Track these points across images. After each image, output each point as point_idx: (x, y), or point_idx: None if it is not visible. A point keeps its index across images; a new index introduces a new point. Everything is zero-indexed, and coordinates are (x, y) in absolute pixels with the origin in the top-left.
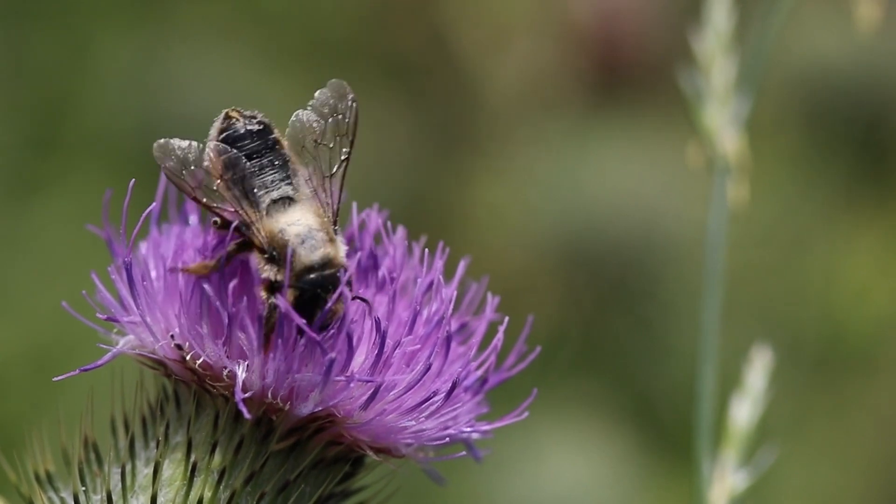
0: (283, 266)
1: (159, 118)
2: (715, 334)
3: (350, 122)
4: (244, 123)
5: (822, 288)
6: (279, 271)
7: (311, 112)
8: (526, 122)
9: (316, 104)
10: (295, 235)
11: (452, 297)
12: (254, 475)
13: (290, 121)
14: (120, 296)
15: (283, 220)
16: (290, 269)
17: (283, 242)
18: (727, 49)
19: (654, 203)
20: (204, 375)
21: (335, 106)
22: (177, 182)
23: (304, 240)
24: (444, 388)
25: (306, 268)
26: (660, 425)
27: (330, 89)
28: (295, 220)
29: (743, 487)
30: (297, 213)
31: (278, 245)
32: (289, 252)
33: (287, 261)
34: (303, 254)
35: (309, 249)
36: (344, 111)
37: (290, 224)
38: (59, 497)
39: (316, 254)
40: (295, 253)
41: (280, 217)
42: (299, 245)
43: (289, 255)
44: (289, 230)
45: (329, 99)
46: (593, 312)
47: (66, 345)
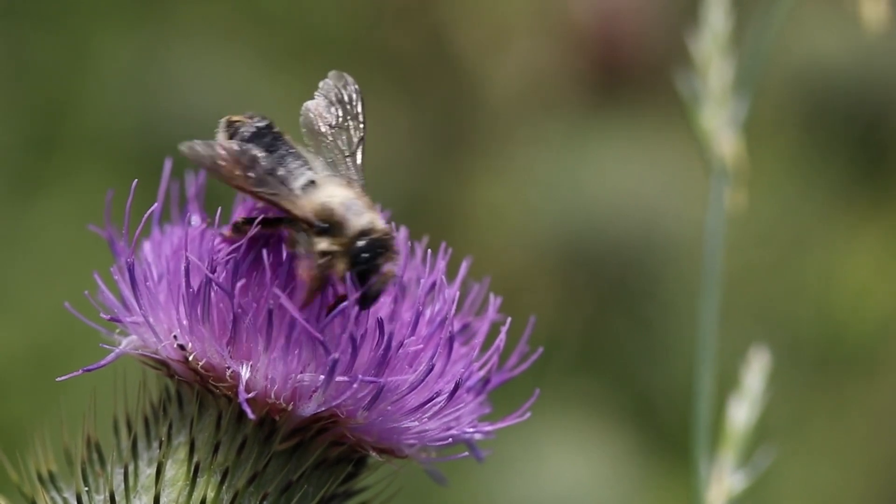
0: (335, 233)
1: (159, 118)
2: (713, 337)
3: (356, 103)
4: (250, 123)
5: (821, 288)
6: (333, 241)
7: (319, 99)
8: (526, 122)
9: (322, 92)
10: (339, 204)
11: (455, 297)
12: (257, 475)
13: (301, 110)
14: (122, 296)
15: (321, 195)
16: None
17: (330, 211)
18: (724, 51)
19: (653, 203)
20: (207, 376)
21: (340, 92)
22: (219, 175)
23: (349, 207)
24: (447, 389)
25: (359, 232)
26: (659, 425)
27: (332, 78)
28: (332, 193)
29: (741, 488)
30: (331, 188)
31: (326, 216)
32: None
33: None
34: (352, 218)
35: (356, 214)
36: (350, 96)
37: (329, 196)
38: (61, 497)
39: (363, 217)
40: (345, 218)
41: (317, 194)
42: (346, 211)
43: None
44: (331, 201)
45: (333, 87)
46: (593, 312)
47: (68, 345)
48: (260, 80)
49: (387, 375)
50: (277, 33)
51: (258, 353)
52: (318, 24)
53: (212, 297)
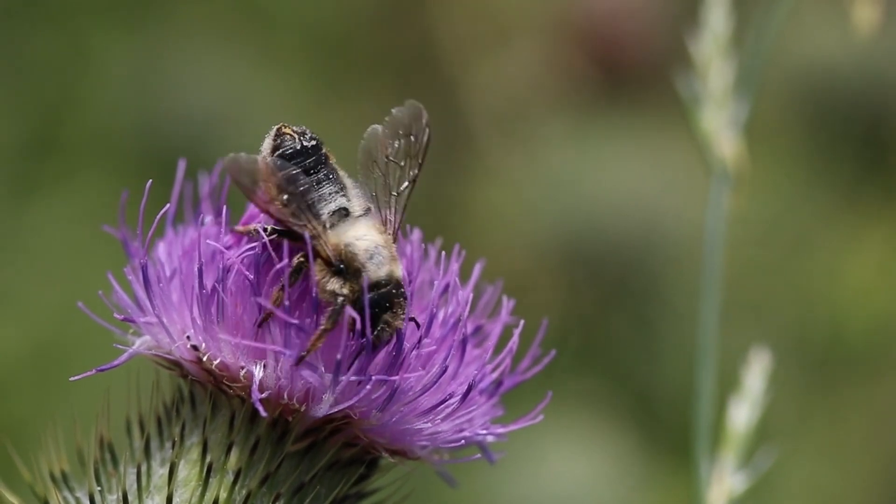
0: (350, 279)
1: (159, 118)
2: (713, 338)
3: (422, 144)
4: (298, 139)
5: (823, 288)
6: (345, 285)
7: (386, 128)
8: (526, 122)
9: (391, 122)
10: (364, 251)
11: (468, 299)
12: (269, 476)
13: (365, 133)
14: (136, 296)
15: (350, 234)
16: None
17: (351, 256)
18: (725, 52)
19: (654, 203)
20: (220, 376)
21: (409, 126)
22: (250, 196)
23: (372, 255)
24: (460, 391)
25: (373, 283)
26: (660, 425)
27: (406, 108)
28: (361, 234)
29: (741, 489)
30: (363, 228)
31: (346, 259)
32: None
33: (360, 278)
34: (371, 269)
35: (377, 266)
36: (417, 133)
37: (357, 238)
38: (74, 497)
39: (382, 270)
40: (364, 268)
41: (344, 231)
42: (368, 260)
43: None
44: (357, 244)
45: (404, 118)
46: (594, 312)
47: (70, 344)
48: (259, 79)
49: (400, 377)
50: (277, 33)
51: (271, 352)
52: (318, 23)
53: (226, 297)
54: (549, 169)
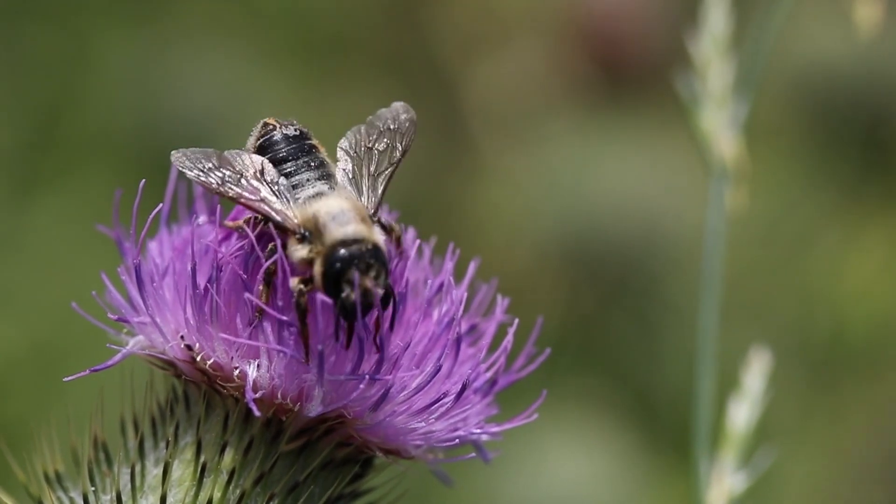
0: (315, 241)
1: (160, 117)
2: (713, 339)
3: (404, 131)
4: (280, 129)
5: (824, 287)
6: (311, 248)
7: (368, 124)
8: (527, 122)
9: (374, 118)
10: (325, 213)
11: (463, 298)
12: (263, 476)
13: (347, 133)
14: (129, 296)
15: (318, 205)
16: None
17: (314, 220)
18: (724, 52)
19: (655, 202)
20: (214, 376)
21: (393, 119)
22: (203, 184)
23: (335, 216)
24: (454, 390)
25: (338, 241)
26: (660, 424)
27: (392, 107)
28: (329, 203)
29: (741, 489)
30: (332, 199)
31: (310, 226)
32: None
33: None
34: (333, 227)
35: (339, 224)
36: (399, 123)
37: (324, 206)
38: (68, 497)
39: (348, 228)
40: (325, 227)
41: (314, 204)
42: (330, 220)
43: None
44: (321, 210)
45: (387, 113)
46: (594, 312)
47: (68, 344)
48: (259, 77)
49: (393, 376)
50: (277, 32)
51: (262, 350)
52: (319, 22)
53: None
54: (549, 168)
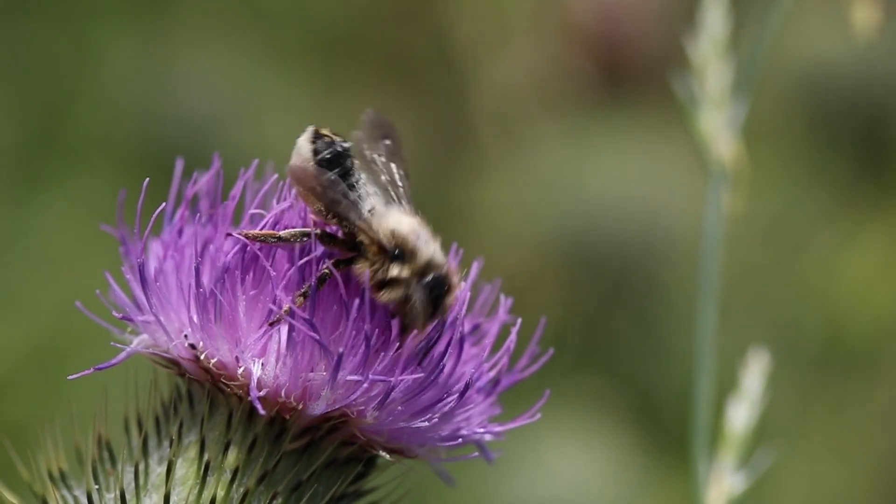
0: (408, 261)
1: (161, 117)
2: (711, 339)
3: (399, 143)
4: (338, 142)
5: (823, 287)
6: (404, 267)
7: (364, 132)
8: (527, 122)
9: (367, 127)
10: (410, 231)
11: (466, 298)
12: (267, 474)
13: (352, 138)
14: (133, 295)
15: (389, 222)
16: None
17: (402, 238)
18: (722, 53)
19: (655, 202)
20: (218, 374)
21: (381, 129)
22: (310, 201)
23: (419, 235)
24: (458, 389)
25: (427, 262)
26: (661, 424)
27: (371, 115)
28: (398, 220)
29: (740, 490)
30: (396, 215)
31: (399, 242)
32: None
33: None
34: (422, 247)
35: (425, 243)
36: (391, 134)
37: (397, 223)
38: (72, 495)
39: (430, 247)
40: (417, 248)
41: (383, 220)
42: (417, 239)
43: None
44: (401, 228)
45: (374, 122)
46: (594, 311)
47: (70, 343)
48: (261, 78)
49: (397, 375)
50: (279, 32)
51: (269, 351)
52: (321, 23)
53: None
54: (550, 169)
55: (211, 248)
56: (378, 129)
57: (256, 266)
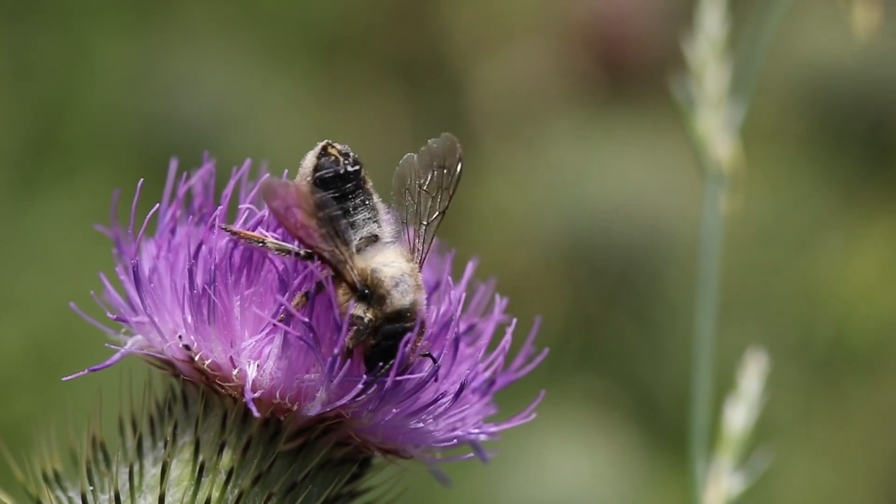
0: (373, 305)
1: (160, 118)
2: (709, 341)
3: (455, 177)
4: (342, 164)
5: (825, 288)
6: (368, 310)
7: (421, 157)
8: (527, 122)
9: (426, 152)
10: (389, 277)
11: (461, 298)
12: (262, 475)
13: (401, 160)
14: (128, 296)
15: (377, 259)
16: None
17: (377, 282)
18: (720, 55)
19: (656, 202)
20: (212, 376)
21: (444, 158)
22: (282, 220)
23: (398, 283)
24: (453, 390)
25: (396, 313)
26: (662, 424)
27: (441, 140)
28: (389, 261)
29: (738, 490)
30: (391, 255)
31: (371, 284)
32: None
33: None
34: (396, 297)
35: (401, 294)
36: (451, 166)
37: (384, 265)
38: (66, 496)
39: (406, 298)
40: (389, 294)
41: (372, 255)
42: (393, 287)
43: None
44: (384, 271)
45: (439, 150)
46: (596, 311)
47: (69, 344)
48: (260, 79)
49: (392, 377)
50: (278, 34)
51: (265, 352)
52: (320, 24)
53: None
54: (551, 168)
55: (204, 248)
56: (438, 157)
57: (251, 267)
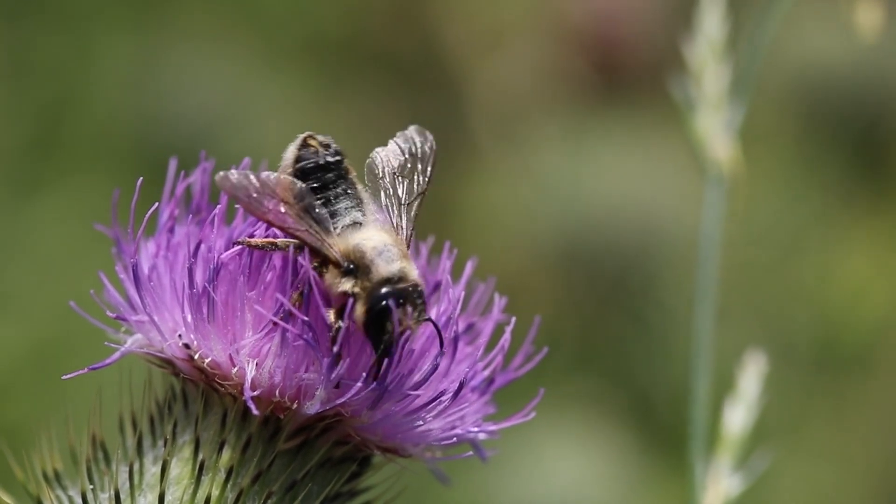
0: (360, 276)
1: (161, 118)
2: (708, 342)
3: (428, 159)
4: (323, 154)
5: (819, 288)
6: (356, 283)
7: (391, 146)
8: (524, 123)
9: (397, 141)
10: (371, 248)
11: (460, 297)
12: (261, 474)
13: (370, 154)
14: (127, 294)
15: (357, 236)
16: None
17: (360, 254)
18: (719, 56)
19: (652, 203)
20: (212, 374)
21: (413, 144)
22: (250, 208)
23: (381, 252)
24: (452, 389)
25: (384, 279)
26: (658, 425)
27: (410, 130)
28: (369, 235)
29: (737, 491)
30: (371, 231)
31: (355, 258)
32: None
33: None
34: (381, 264)
35: (386, 261)
36: (422, 149)
37: (365, 239)
38: (66, 495)
39: (393, 265)
40: (373, 263)
41: (353, 235)
42: (377, 256)
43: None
44: (365, 244)
45: (408, 137)
46: (591, 312)
47: (69, 343)
48: (258, 79)
49: (391, 375)
50: (276, 34)
51: (264, 351)
52: (318, 24)
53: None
54: (547, 170)
55: (203, 247)
56: (407, 143)
57: (250, 266)
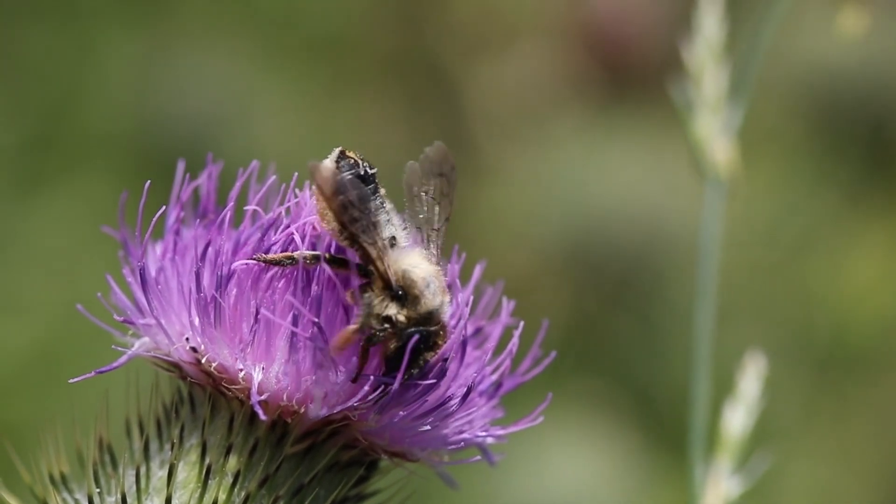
0: (408, 306)
1: (161, 117)
2: (708, 343)
3: (452, 185)
4: (362, 165)
5: (826, 289)
6: (401, 310)
7: (422, 166)
8: (529, 124)
9: (425, 160)
10: (421, 279)
11: (469, 301)
12: (268, 478)
13: (405, 169)
14: (135, 298)
15: (406, 261)
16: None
17: (410, 283)
18: (719, 58)
19: (657, 204)
20: (219, 378)
21: (440, 165)
22: (329, 204)
23: (429, 284)
24: (460, 393)
25: (428, 312)
26: (663, 425)
27: (435, 149)
28: (416, 263)
29: (737, 493)
30: (416, 257)
31: (405, 285)
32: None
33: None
34: (429, 298)
35: (433, 295)
36: (448, 173)
37: (413, 266)
38: (73, 498)
39: (437, 300)
40: (423, 296)
41: (398, 257)
42: (425, 288)
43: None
44: (414, 272)
45: (435, 158)
46: (597, 313)
47: (71, 345)
48: (259, 79)
49: (399, 378)
50: (280, 35)
51: (272, 355)
52: (319, 24)
53: (225, 300)
54: (552, 171)
55: (210, 251)
56: (436, 165)
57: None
